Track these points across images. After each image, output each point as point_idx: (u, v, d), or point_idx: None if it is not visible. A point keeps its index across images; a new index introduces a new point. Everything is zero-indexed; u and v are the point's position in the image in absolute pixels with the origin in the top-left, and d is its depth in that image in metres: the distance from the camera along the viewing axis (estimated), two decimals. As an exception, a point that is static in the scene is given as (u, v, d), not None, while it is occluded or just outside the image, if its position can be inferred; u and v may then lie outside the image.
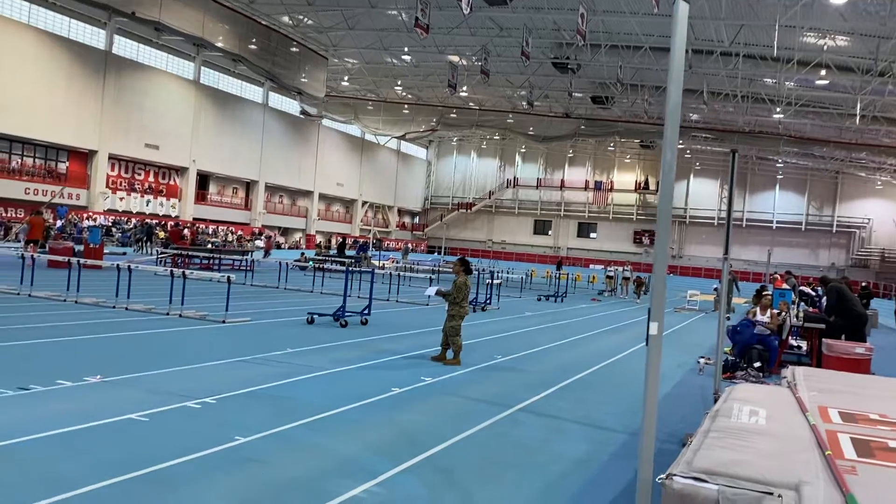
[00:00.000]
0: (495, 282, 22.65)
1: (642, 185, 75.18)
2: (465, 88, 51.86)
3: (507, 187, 79.73)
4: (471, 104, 59.85)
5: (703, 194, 72.06)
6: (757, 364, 11.36)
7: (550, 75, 46.48)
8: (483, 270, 22.56)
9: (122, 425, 6.11)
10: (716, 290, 23.80)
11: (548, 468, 5.97)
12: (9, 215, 38.02)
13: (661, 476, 3.57)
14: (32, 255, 16.63)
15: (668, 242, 3.66)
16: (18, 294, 14.82)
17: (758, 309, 12.64)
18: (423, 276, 25.41)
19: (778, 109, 46.76)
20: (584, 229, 77.69)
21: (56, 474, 4.85)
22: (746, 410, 4.93)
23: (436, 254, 65.87)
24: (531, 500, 5.16)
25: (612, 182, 76.09)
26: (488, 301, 21.07)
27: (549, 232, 78.53)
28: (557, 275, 31.41)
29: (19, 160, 40.51)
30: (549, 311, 21.58)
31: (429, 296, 12.60)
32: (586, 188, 76.53)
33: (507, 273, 32.09)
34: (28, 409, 6.38)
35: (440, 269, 29.79)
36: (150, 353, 9.77)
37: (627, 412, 8.37)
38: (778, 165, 67.33)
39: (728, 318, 21.43)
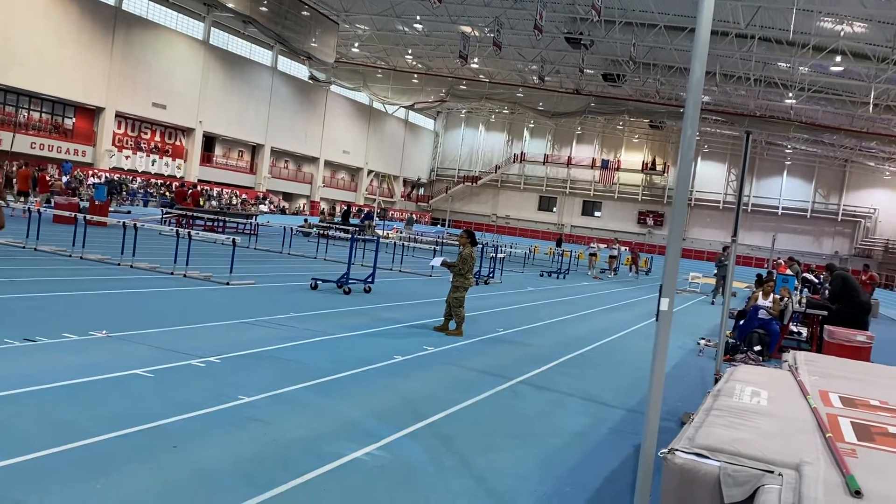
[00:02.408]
0: (499, 256, 22.67)
1: (649, 165, 74.79)
2: (476, 60, 51.37)
3: (514, 162, 79.35)
4: (481, 76, 59.34)
5: (709, 177, 71.69)
6: (757, 348, 11.41)
7: (562, 50, 46.03)
8: (487, 244, 22.55)
9: (127, 380, 6.17)
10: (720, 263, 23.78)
11: (547, 440, 6.03)
12: (14, 169, 37.95)
13: (663, 451, 3.61)
14: (32, 209, 16.61)
15: (684, 216, 3.65)
16: (24, 247, 14.87)
17: (760, 293, 12.66)
18: (427, 247, 25.44)
19: (790, 94, 46.34)
20: (589, 207, 77.46)
21: (63, 423, 4.91)
22: (748, 391, 4.97)
23: (439, 226, 65.82)
24: (530, 470, 5.23)
25: (619, 161, 75.69)
26: (491, 275, 21.11)
27: (554, 209, 78.31)
28: (559, 251, 31.42)
29: (26, 114, 40.35)
30: (551, 288, 21.62)
31: (433, 266, 12.64)
32: (593, 166, 76.15)
33: (511, 248, 32.10)
34: (34, 360, 6.44)
35: (444, 241, 29.81)
36: (155, 311, 9.82)
37: (626, 389, 8.43)
38: (787, 151, 66.88)
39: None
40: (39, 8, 37.39)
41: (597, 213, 76.92)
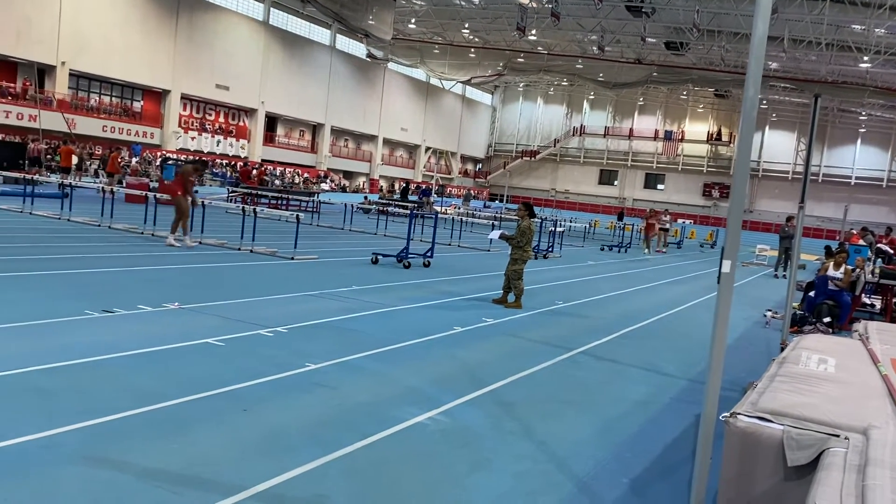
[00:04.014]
0: (558, 230, 22.52)
1: (715, 135, 72.64)
2: (533, 32, 50.60)
3: (574, 135, 78.18)
4: (539, 48, 58.44)
5: (778, 147, 69.21)
6: (827, 319, 11.09)
7: (623, 19, 44.91)
8: (546, 219, 22.42)
9: (200, 348, 6.44)
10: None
11: (607, 408, 6.05)
12: (98, 153, 39.43)
13: (725, 415, 3.60)
14: (112, 189, 17.30)
15: (747, 177, 3.60)
16: (99, 226, 15.54)
17: (830, 264, 12.26)
18: (485, 223, 25.45)
19: (865, 58, 44.18)
20: (652, 180, 75.85)
21: (141, 388, 5.18)
22: (815, 358, 4.88)
23: (497, 201, 65.60)
24: (590, 436, 5.26)
25: (683, 132, 73.74)
26: (550, 249, 21.00)
27: (615, 182, 77.00)
28: (621, 225, 30.98)
29: (97, 98, 41.84)
30: (611, 261, 21.39)
31: (491, 239, 12.64)
32: (656, 138, 74.42)
33: (570, 222, 31.79)
34: (113, 330, 6.78)
35: (502, 216, 29.75)
36: (224, 284, 10.18)
37: (689, 360, 8.34)
38: (861, 118, 63.91)
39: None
40: (107, -5, 38.55)
41: (660, 186, 75.29)
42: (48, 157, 32.25)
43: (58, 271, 9.65)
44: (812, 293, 12.03)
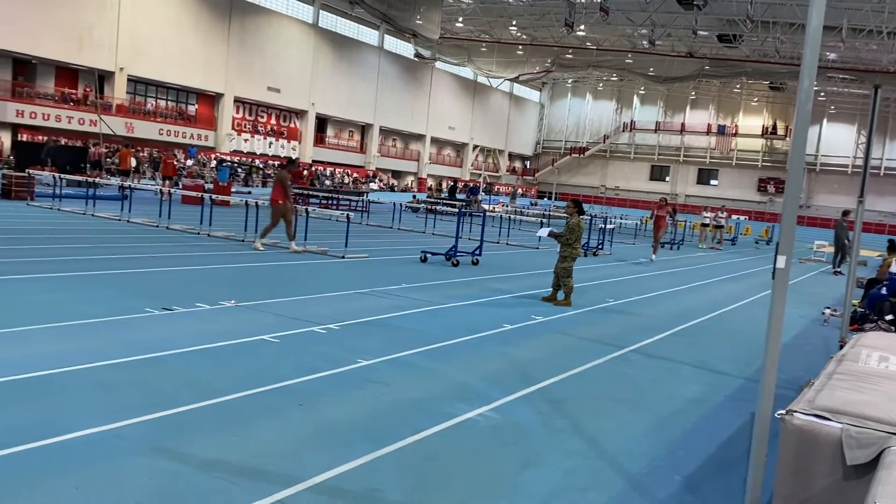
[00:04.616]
0: (608, 227, 22.29)
1: (770, 129, 70.84)
2: (582, 27, 50.15)
3: (624, 131, 77.21)
4: (588, 44, 57.87)
5: (836, 140, 67.12)
6: (889, 317, 10.73)
7: (674, 12, 44.15)
8: (595, 216, 22.23)
9: (255, 344, 6.61)
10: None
11: (659, 406, 6.00)
12: (144, 154, 40.65)
13: (781, 412, 3.55)
14: (169, 191, 17.82)
15: (802, 169, 3.54)
16: (157, 226, 16.02)
17: (893, 260, 11.86)
18: (533, 220, 25.36)
19: (930, 46, 42.54)
20: (705, 176, 74.39)
21: (201, 382, 5.35)
22: (876, 356, 4.76)
23: (545, 199, 65.20)
24: (642, 434, 5.23)
25: (736, 126, 72.12)
26: (600, 246, 20.81)
27: (667, 178, 75.74)
28: (672, 222, 30.47)
29: (154, 102, 43.06)
30: (663, 258, 21.07)
31: (540, 237, 12.62)
32: (708, 132, 72.96)
33: (621, 219, 31.42)
34: (173, 327, 7.01)
35: (550, 214, 29.57)
36: (277, 282, 10.40)
37: (743, 358, 8.19)
38: (926, 109, 61.56)
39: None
40: (162, 1, 39.65)
41: (713, 182, 73.81)
42: (108, 160, 33.34)
43: (119, 271, 10.00)
44: (875, 290, 11.65)
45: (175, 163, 31.58)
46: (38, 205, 19.18)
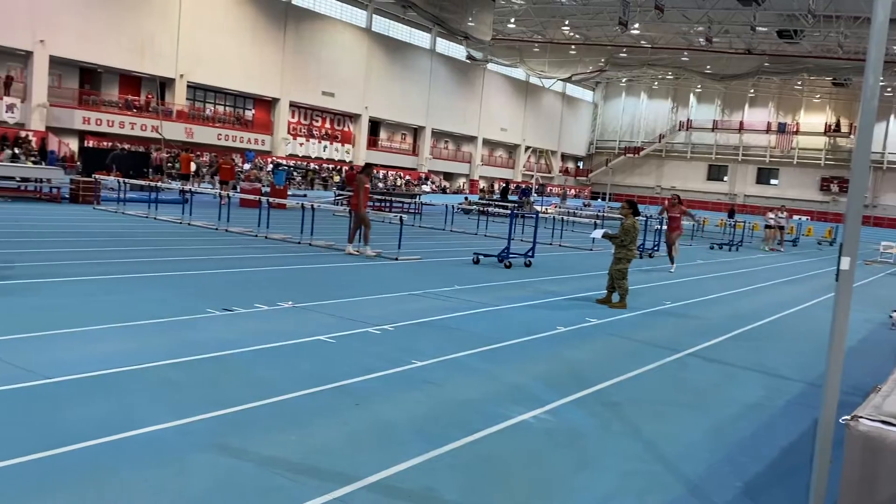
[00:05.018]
0: (664, 228, 21.92)
1: (833, 127, 68.51)
2: (636, 26, 49.42)
3: (680, 130, 75.71)
4: (642, 42, 57.01)
5: (905, 138, 64.52)
6: (962, 321, 10.30)
7: (731, 8, 43.14)
8: (651, 217, 21.89)
9: (312, 345, 6.74)
10: None
11: (718, 410, 5.89)
12: (205, 159, 41.74)
13: (846, 417, 3.45)
14: (228, 195, 18.30)
15: (867, 167, 3.44)
16: (217, 229, 16.44)
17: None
18: (586, 222, 25.12)
19: None
20: (764, 175, 72.38)
21: (260, 381, 5.49)
22: (948, 362, 4.58)
23: (599, 200, 64.46)
24: (701, 438, 5.15)
25: (797, 124, 69.98)
26: (656, 248, 20.50)
27: (725, 178, 73.98)
28: (731, 223, 29.83)
29: (212, 108, 44.19)
30: (722, 260, 20.65)
31: (594, 239, 12.50)
32: (768, 131, 70.97)
33: (677, 220, 30.86)
34: (233, 327, 7.20)
35: (604, 215, 29.25)
36: (333, 284, 10.56)
37: (806, 362, 7.97)
38: None
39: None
40: (220, 9, 40.68)
41: (773, 181, 71.77)
42: (169, 164, 34.34)
43: (181, 272, 10.30)
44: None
45: (233, 167, 32.33)
46: (103, 209, 19.90)
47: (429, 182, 55.76)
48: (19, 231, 13.69)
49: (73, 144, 35.49)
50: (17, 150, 30.04)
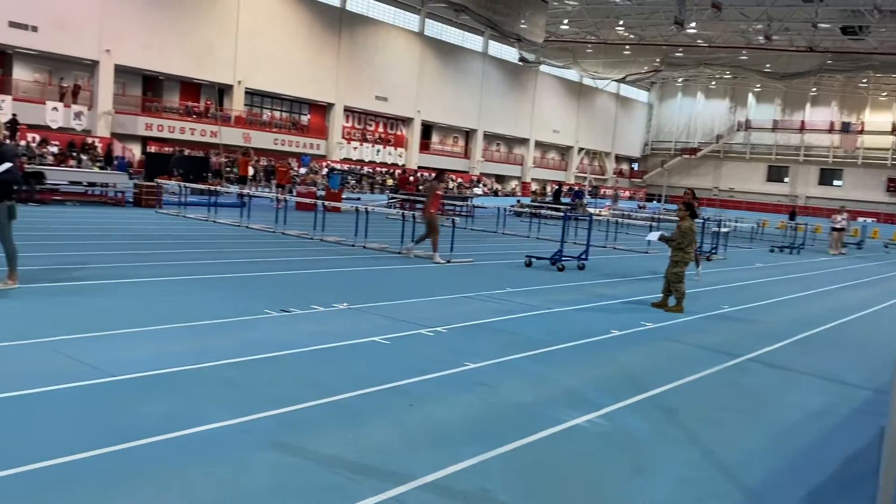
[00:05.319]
0: (722, 230, 21.46)
1: (901, 125, 65.93)
2: (693, 25, 48.49)
3: (738, 130, 73.96)
4: (699, 41, 55.91)
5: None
6: None
7: (792, 5, 42.01)
8: (708, 219, 21.45)
9: (367, 346, 6.83)
10: None
11: (779, 417, 5.74)
12: (262, 163, 42.64)
13: (916, 427, 3.34)
14: (284, 198, 18.66)
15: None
16: (274, 232, 16.78)
17: None
18: (641, 224, 24.75)
19: None
20: (827, 176, 70.08)
21: (318, 381, 5.59)
22: None
23: (654, 202, 63.43)
24: (761, 446, 5.02)
25: (862, 123, 67.56)
26: (714, 250, 20.07)
27: (786, 179, 71.93)
28: (793, 225, 29.02)
29: (269, 113, 45.13)
30: (783, 263, 20.10)
31: (649, 241, 12.32)
32: (831, 130, 68.73)
33: (736, 222, 30.18)
34: (290, 328, 7.34)
35: (660, 217, 28.77)
36: (386, 286, 10.67)
37: (873, 369, 7.70)
38: None
39: None
40: (276, 16, 41.54)
41: (836, 182, 69.45)
42: (227, 169, 35.19)
43: (240, 274, 10.55)
44: None
45: (289, 171, 32.93)
46: (165, 212, 20.52)
47: (480, 185, 55.76)
48: (88, 234, 14.22)
49: (136, 150, 36.70)
50: (84, 156, 31.21)
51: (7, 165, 7.77)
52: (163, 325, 6.94)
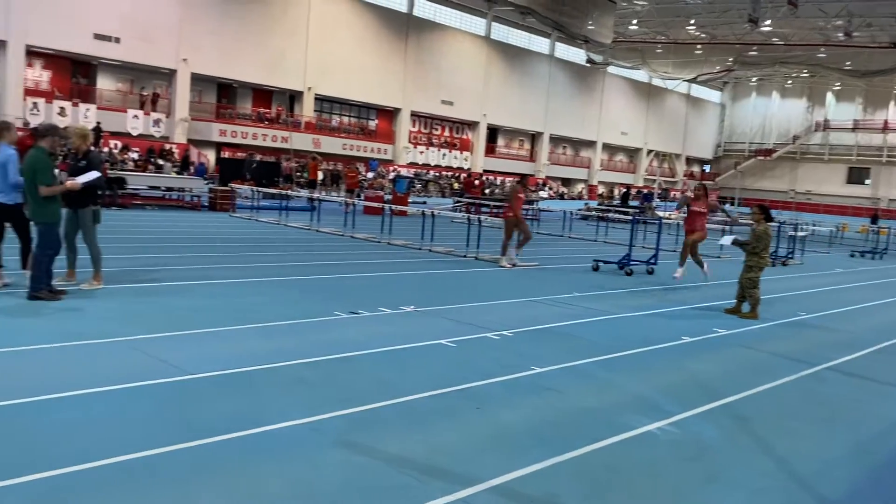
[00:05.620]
0: (799, 235, 20.72)
1: None
2: (767, 22, 47.02)
3: (816, 131, 71.32)
4: (774, 39, 54.16)
5: None
6: None
7: (874, 0, 40.25)
8: (784, 223, 20.75)
9: (434, 348, 6.89)
10: None
11: (859, 428, 5.52)
12: (330, 168, 43.49)
13: None
14: (353, 202, 18.98)
15: None
16: (343, 235, 17.09)
17: None
18: (714, 228, 24.11)
19: None
20: (914, 178, 66.84)
21: (386, 381, 5.68)
22: None
23: (727, 205, 61.66)
24: (841, 457, 4.85)
25: (951, 121, 64.20)
26: (790, 255, 19.40)
27: (867, 181, 68.91)
28: (875, 229, 27.78)
29: (338, 119, 45.98)
30: (864, 269, 19.26)
31: (722, 246, 12.02)
32: (917, 129, 65.55)
33: (813, 226, 29.09)
34: (359, 330, 7.47)
35: (733, 220, 27.96)
36: (452, 289, 10.73)
37: (964, 381, 7.30)
38: None
39: None
40: (345, 23, 42.33)
41: (923, 184, 66.10)
42: (297, 174, 36.03)
43: (310, 276, 10.80)
44: None
45: (357, 175, 33.49)
46: (238, 216, 21.15)
47: (545, 188, 55.39)
48: (165, 237, 14.80)
49: (211, 155, 37.95)
50: (163, 161, 32.48)
51: (95, 174, 8.17)
52: (237, 326, 7.17)
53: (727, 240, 11.04)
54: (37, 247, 7.73)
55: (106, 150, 30.76)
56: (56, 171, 8.24)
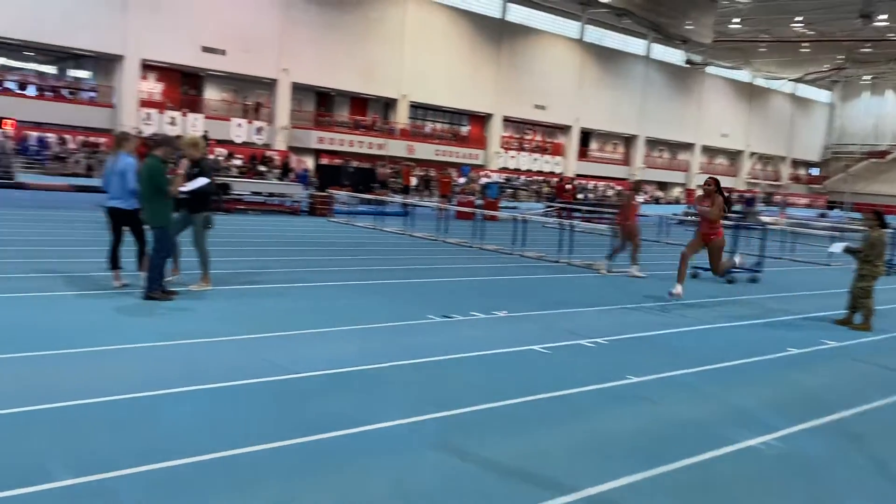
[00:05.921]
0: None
1: None
2: (882, 17, 44.32)
3: (936, 131, 66.60)
4: (889, 35, 50.97)
5: None
6: None
7: None
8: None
9: (526, 354, 6.88)
10: None
11: None
12: (424, 174, 44.07)
13: None
14: (445, 208, 19.18)
15: None
16: (436, 240, 17.30)
17: None
18: (822, 234, 22.93)
19: None
20: None
21: (480, 386, 5.72)
22: None
23: (836, 210, 58.47)
24: (966, 483, 4.53)
25: None
26: (907, 263, 18.17)
27: None
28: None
29: (431, 125, 46.54)
30: None
31: (831, 253, 11.40)
32: None
33: (933, 232, 27.14)
34: (452, 334, 7.56)
35: (844, 226, 26.50)
36: (545, 294, 10.67)
37: None
38: None
39: None
40: (439, 31, 42.83)
41: None
42: (392, 179, 36.69)
43: (404, 280, 11.00)
44: None
45: (450, 181, 33.78)
46: (336, 221, 21.75)
47: (641, 192, 54.14)
48: (268, 241, 15.41)
49: (310, 162, 39.18)
50: (265, 168, 33.80)
51: (203, 181, 8.61)
52: (336, 327, 7.39)
53: (838, 247, 10.47)
54: (152, 249, 8.22)
55: (211, 157, 32.32)
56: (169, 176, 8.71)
